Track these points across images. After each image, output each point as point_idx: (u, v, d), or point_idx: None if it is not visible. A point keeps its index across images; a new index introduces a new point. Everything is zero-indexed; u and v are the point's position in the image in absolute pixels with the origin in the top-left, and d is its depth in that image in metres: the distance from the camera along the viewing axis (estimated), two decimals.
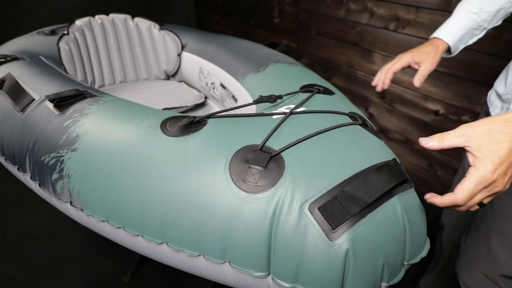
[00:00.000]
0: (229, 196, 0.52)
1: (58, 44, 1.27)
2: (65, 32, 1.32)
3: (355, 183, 0.50)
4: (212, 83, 1.29)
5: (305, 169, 0.52)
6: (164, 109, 1.22)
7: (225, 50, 1.28)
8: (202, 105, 1.36)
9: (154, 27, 1.51)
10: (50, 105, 0.74)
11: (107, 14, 1.46)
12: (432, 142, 0.52)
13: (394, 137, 1.85)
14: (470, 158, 0.49)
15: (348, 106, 0.76)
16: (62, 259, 1.42)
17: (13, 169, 0.80)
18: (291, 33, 2.30)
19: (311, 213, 0.49)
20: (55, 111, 0.73)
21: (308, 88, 0.79)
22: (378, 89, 0.89)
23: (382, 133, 1.93)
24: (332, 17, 1.98)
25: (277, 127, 0.59)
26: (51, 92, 0.80)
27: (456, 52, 0.90)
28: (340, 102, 0.75)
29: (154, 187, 0.57)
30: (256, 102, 0.70)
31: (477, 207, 0.51)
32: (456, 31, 0.86)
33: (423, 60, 0.84)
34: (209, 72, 1.30)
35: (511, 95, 0.81)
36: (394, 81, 1.75)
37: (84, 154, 0.64)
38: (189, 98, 1.32)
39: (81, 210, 0.65)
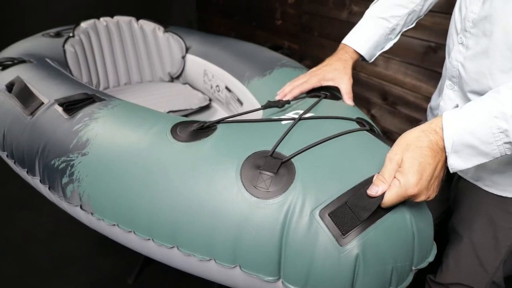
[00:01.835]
0: (240, 202, 0.53)
1: (64, 46, 1.28)
2: (71, 34, 1.32)
3: (365, 190, 0.51)
4: (217, 85, 1.29)
5: (315, 175, 0.53)
6: (169, 111, 1.23)
7: (229, 53, 1.29)
8: (206, 107, 1.37)
9: (159, 29, 1.51)
10: (60, 109, 0.75)
11: (111, 16, 1.47)
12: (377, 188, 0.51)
13: (396, 139, 1.86)
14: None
15: (354, 111, 0.76)
16: (65, 260, 1.43)
17: (22, 172, 0.81)
18: (293, 34, 2.31)
19: (321, 219, 0.50)
20: (65, 115, 0.74)
21: (315, 93, 0.79)
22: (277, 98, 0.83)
23: (384, 134, 1.93)
24: (334, 19, 1.99)
25: (287, 133, 0.59)
26: (59, 95, 0.81)
27: (373, 59, 0.87)
28: (346, 107, 0.76)
29: (165, 192, 0.58)
30: (264, 107, 0.71)
31: None
32: (367, 39, 0.83)
33: (336, 78, 0.81)
34: (213, 75, 1.31)
35: (439, 111, 0.78)
36: (396, 82, 1.76)
37: (94, 158, 0.65)
38: (193, 100, 1.33)
39: (91, 214, 0.65)
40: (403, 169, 0.50)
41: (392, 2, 0.82)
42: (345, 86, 0.81)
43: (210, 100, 1.40)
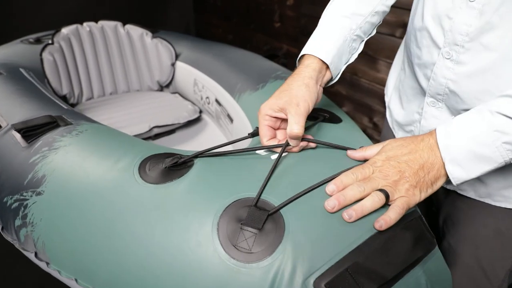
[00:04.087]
0: (216, 264, 0.43)
1: (41, 55, 1.18)
2: (49, 41, 1.22)
3: (371, 252, 0.41)
4: (207, 97, 1.19)
5: (309, 232, 0.43)
6: (154, 127, 1.13)
7: (221, 62, 1.19)
8: (196, 120, 1.27)
9: (146, 35, 1.41)
10: (18, 136, 0.65)
11: (97, 21, 1.37)
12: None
13: None
14: None
15: (357, 137, 0.66)
16: (51, 279, 1.34)
17: None
18: (292, 38, 2.21)
19: None
20: (22, 143, 0.64)
21: (312, 115, 0.69)
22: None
23: None
24: None
25: (271, 174, 0.49)
26: (22, 117, 0.71)
27: (338, 77, 0.67)
28: (348, 133, 0.66)
29: (129, 245, 0.48)
30: (252, 135, 0.61)
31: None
32: (332, 44, 0.64)
33: (284, 108, 0.57)
34: (204, 86, 1.21)
35: (414, 127, 0.69)
36: None
37: (50, 199, 0.55)
38: (182, 113, 1.23)
39: (47, 264, 0.56)
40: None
41: None
42: (289, 127, 0.55)
43: (200, 111, 1.30)
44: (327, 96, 0.87)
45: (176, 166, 0.53)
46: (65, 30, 1.28)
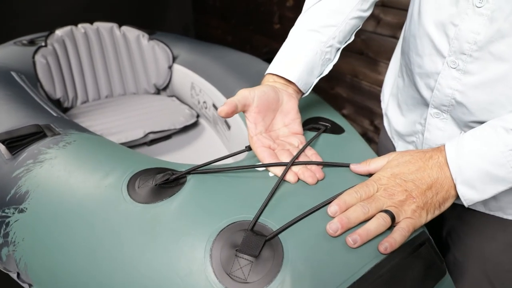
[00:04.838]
0: None
1: (33, 57, 1.14)
2: (43, 43, 1.19)
3: (377, 283, 0.38)
4: (204, 102, 1.16)
5: (310, 259, 0.40)
6: (149, 133, 1.10)
7: (219, 65, 1.16)
8: (193, 125, 1.24)
9: (143, 37, 1.38)
10: (1, 147, 0.62)
11: (92, 22, 1.34)
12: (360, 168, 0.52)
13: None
14: None
15: (360, 148, 0.63)
16: None
17: None
18: None
19: None
20: (6, 155, 0.61)
21: (312, 125, 0.66)
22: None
23: None
24: None
25: (271, 197, 0.46)
26: (7, 126, 0.68)
27: (310, 89, 0.65)
28: (351, 144, 0.63)
29: (115, 270, 0.44)
30: (249, 148, 0.57)
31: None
32: (298, 61, 0.62)
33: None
34: (201, 89, 1.17)
35: (416, 138, 0.67)
36: None
37: (33, 217, 0.51)
38: (178, 118, 1.19)
39: (30, 286, 0.52)
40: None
41: (327, 7, 0.64)
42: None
43: (198, 116, 1.26)
44: (327, 99, 0.83)
45: (167, 183, 0.49)
46: (59, 32, 1.25)
